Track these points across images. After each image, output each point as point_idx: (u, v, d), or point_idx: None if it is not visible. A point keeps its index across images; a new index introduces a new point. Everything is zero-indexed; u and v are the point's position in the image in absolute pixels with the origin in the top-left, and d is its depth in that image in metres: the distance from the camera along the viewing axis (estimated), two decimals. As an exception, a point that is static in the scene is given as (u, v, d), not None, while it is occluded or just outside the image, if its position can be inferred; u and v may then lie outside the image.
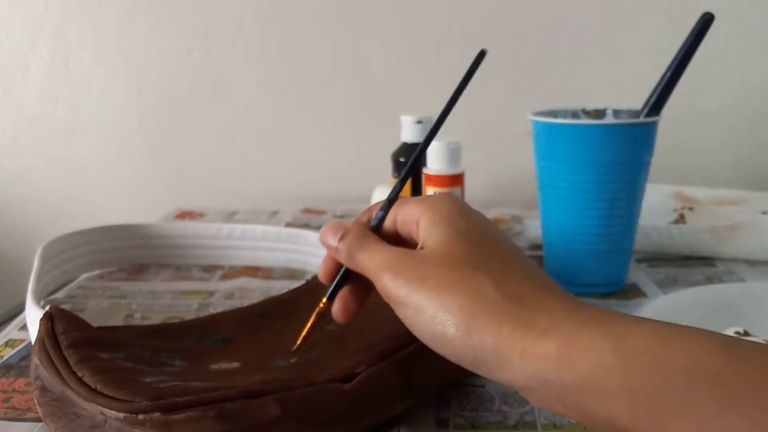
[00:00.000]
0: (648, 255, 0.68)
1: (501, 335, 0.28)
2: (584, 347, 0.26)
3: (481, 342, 0.28)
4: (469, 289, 0.29)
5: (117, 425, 0.31)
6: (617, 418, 0.25)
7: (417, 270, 0.30)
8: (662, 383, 0.24)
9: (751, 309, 0.50)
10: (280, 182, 1.03)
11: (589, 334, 0.26)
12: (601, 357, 0.25)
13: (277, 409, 0.32)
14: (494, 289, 0.29)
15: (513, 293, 0.29)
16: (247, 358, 0.39)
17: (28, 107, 1.03)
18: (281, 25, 0.97)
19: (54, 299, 0.60)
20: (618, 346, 0.25)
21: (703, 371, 0.24)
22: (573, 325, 0.27)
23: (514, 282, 0.29)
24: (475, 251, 0.31)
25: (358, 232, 0.35)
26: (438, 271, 0.30)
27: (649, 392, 0.24)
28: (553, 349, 0.26)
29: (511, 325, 0.28)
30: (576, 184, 0.55)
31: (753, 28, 0.94)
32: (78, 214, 1.06)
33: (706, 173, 0.98)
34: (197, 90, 1.01)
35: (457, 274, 0.29)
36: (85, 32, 0.99)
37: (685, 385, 0.24)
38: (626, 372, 0.25)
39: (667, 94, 0.55)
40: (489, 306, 0.28)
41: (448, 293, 0.29)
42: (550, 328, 0.27)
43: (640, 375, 0.25)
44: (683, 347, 0.25)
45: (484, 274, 0.29)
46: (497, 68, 0.96)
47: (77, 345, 0.35)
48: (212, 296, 0.60)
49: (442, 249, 0.31)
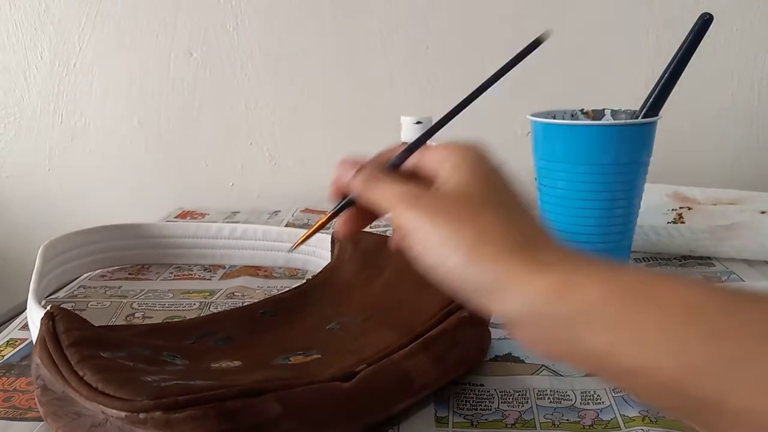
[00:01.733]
0: (646, 255, 0.68)
1: (502, 266, 0.29)
2: (580, 283, 0.27)
3: (483, 271, 0.29)
4: (478, 226, 0.30)
5: (118, 424, 0.31)
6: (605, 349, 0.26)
7: (433, 204, 0.32)
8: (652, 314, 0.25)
9: None
10: (280, 182, 1.03)
11: (586, 270, 0.28)
12: (597, 292, 0.27)
13: (277, 407, 0.32)
14: (502, 229, 0.30)
15: (520, 234, 0.30)
16: (247, 356, 0.39)
17: (29, 107, 1.03)
18: (281, 25, 0.98)
19: (55, 299, 0.60)
20: (612, 283, 0.27)
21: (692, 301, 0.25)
22: (572, 263, 0.28)
23: (522, 225, 0.31)
24: (491, 194, 0.32)
25: (375, 167, 0.36)
26: (453, 206, 0.31)
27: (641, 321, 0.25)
28: (551, 281, 0.28)
29: (512, 258, 0.29)
30: (574, 184, 0.55)
31: (752, 29, 0.94)
32: (79, 214, 1.06)
33: (704, 173, 0.98)
34: (198, 90, 1.01)
35: (471, 212, 0.31)
36: (85, 32, 1.00)
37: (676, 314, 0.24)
38: (620, 305, 0.26)
39: (665, 94, 0.55)
40: (494, 241, 0.30)
41: (459, 227, 0.30)
42: (550, 263, 0.29)
43: (633, 307, 0.25)
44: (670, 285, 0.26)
45: (496, 216, 0.31)
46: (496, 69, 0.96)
47: (78, 344, 0.35)
48: (213, 295, 0.60)
49: (462, 188, 0.32)
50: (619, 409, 0.40)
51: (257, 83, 1.00)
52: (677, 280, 0.26)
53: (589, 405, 0.41)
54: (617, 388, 0.42)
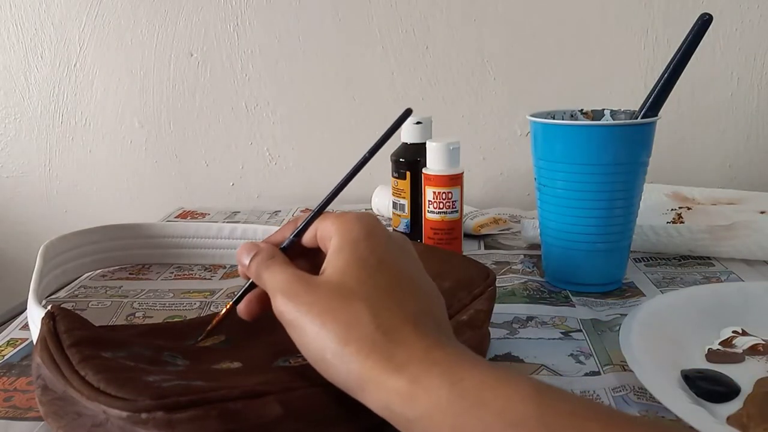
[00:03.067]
0: (646, 254, 0.68)
1: (365, 365, 0.30)
2: (427, 387, 0.28)
3: (349, 369, 0.30)
4: (347, 318, 0.31)
5: (119, 424, 0.31)
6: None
7: (307, 295, 0.32)
8: (480, 424, 0.26)
9: (749, 309, 0.51)
10: (280, 182, 1.03)
11: (435, 374, 0.29)
12: (439, 397, 0.28)
13: (279, 409, 0.32)
14: (370, 320, 0.31)
15: (386, 326, 0.31)
16: (248, 358, 0.39)
17: (29, 107, 1.03)
18: (281, 25, 0.98)
19: (56, 298, 0.60)
20: (453, 388, 0.28)
21: (514, 416, 0.26)
22: (424, 366, 0.29)
23: (390, 314, 0.31)
24: (366, 281, 0.33)
25: (268, 252, 0.37)
26: (325, 298, 0.32)
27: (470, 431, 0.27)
28: (402, 385, 0.29)
29: (375, 357, 0.30)
30: (574, 185, 0.55)
31: (752, 29, 0.94)
32: (80, 214, 1.06)
33: (703, 173, 0.98)
34: (198, 90, 1.01)
35: (341, 303, 0.32)
36: (86, 32, 1.00)
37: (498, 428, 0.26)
38: (455, 412, 0.27)
39: (665, 94, 0.55)
40: (361, 336, 0.31)
41: (329, 320, 0.31)
42: (404, 364, 0.29)
43: (465, 416, 0.27)
44: (503, 392, 0.27)
45: (365, 305, 0.31)
46: (496, 69, 0.96)
47: (79, 344, 0.35)
48: (213, 295, 0.60)
49: (336, 277, 0.33)
50: (618, 409, 0.40)
51: (257, 83, 1.00)
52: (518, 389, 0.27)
53: (588, 405, 0.41)
54: (617, 388, 0.42)
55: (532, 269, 0.65)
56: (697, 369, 0.43)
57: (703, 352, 0.46)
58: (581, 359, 0.46)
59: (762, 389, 0.41)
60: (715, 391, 0.40)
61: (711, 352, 0.46)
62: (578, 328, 0.51)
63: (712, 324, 0.49)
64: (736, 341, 0.47)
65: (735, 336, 0.47)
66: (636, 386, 0.42)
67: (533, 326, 0.52)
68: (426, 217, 0.65)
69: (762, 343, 0.46)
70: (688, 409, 0.37)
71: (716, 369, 0.43)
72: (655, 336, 0.45)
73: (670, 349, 0.45)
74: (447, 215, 0.64)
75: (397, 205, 0.72)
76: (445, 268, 0.46)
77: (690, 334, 0.47)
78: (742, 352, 0.46)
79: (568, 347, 0.48)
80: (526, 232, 0.71)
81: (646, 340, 0.44)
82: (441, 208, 0.63)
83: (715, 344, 0.47)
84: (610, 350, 0.47)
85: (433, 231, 0.64)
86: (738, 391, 0.41)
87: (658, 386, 0.39)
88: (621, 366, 0.44)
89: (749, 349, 0.46)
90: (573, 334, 0.50)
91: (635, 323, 0.46)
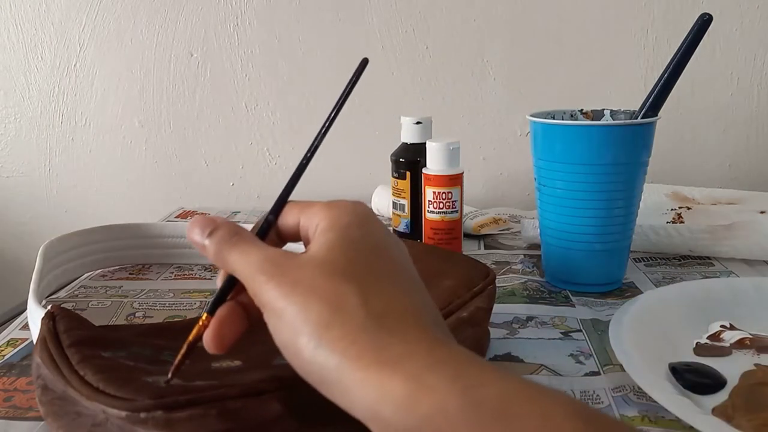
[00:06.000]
0: (646, 254, 0.68)
1: (348, 354, 0.25)
2: (431, 387, 0.23)
3: (327, 358, 0.25)
4: (334, 299, 0.26)
5: (119, 424, 0.31)
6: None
7: (291, 274, 0.28)
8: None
9: (737, 304, 0.52)
10: (280, 182, 1.03)
11: (441, 373, 0.24)
12: (445, 402, 0.23)
13: (278, 407, 0.32)
14: (359, 303, 0.26)
15: (378, 311, 0.26)
16: (248, 356, 0.39)
17: (29, 107, 1.03)
18: (281, 25, 0.98)
19: (56, 298, 0.60)
20: (466, 394, 0.23)
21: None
22: (427, 361, 0.24)
23: (384, 299, 0.27)
24: (356, 262, 0.28)
25: (230, 228, 0.31)
26: (311, 276, 0.27)
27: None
28: (397, 383, 0.24)
29: (362, 345, 0.25)
30: (574, 185, 0.55)
31: (752, 29, 0.94)
32: (80, 214, 1.06)
33: (704, 173, 0.98)
34: (198, 90, 1.01)
35: (329, 282, 0.27)
36: (86, 32, 1.00)
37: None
38: (469, 424, 0.22)
39: (665, 94, 0.55)
40: (348, 319, 0.26)
41: (312, 300, 0.26)
42: (402, 358, 0.24)
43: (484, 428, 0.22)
44: (539, 407, 0.22)
45: (355, 286, 0.27)
46: (496, 69, 0.96)
47: (79, 344, 0.35)
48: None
49: (323, 255, 0.28)
50: (618, 409, 0.40)
51: (257, 83, 1.00)
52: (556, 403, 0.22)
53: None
54: (617, 388, 0.42)
55: (531, 269, 0.65)
56: (684, 362, 0.44)
57: (692, 346, 0.47)
58: (581, 359, 0.46)
59: (748, 381, 0.42)
60: (702, 383, 0.41)
61: (699, 346, 0.47)
62: (578, 328, 0.51)
63: (701, 319, 0.50)
64: (724, 335, 0.48)
65: (723, 330, 0.48)
66: (636, 386, 0.42)
67: (533, 326, 0.52)
68: (426, 217, 0.65)
69: (749, 337, 0.47)
70: (674, 400, 0.37)
71: (704, 362, 0.44)
72: (644, 330, 0.46)
73: (660, 343, 0.46)
74: (447, 215, 0.64)
75: (397, 205, 0.72)
76: (445, 266, 0.46)
77: (679, 328, 0.48)
78: (729, 345, 0.47)
79: (568, 347, 0.48)
80: (525, 232, 0.71)
81: (636, 334, 0.45)
82: (441, 208, 0.64)
83: (703, 338, 0.48)
84: (610, 350, 0.47)
85: (433, 231, 0.64)
86: (724, 383, 0.41)
87: (644, 378, 0.39)
88: (621, 366, 0.44)
89: (736, 342, 0.47)
90: (573, 334, 0.50)
91: (626, 318, 0.47)
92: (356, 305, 0.26)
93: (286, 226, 0.33)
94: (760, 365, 0.44)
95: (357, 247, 0.29)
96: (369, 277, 0.28)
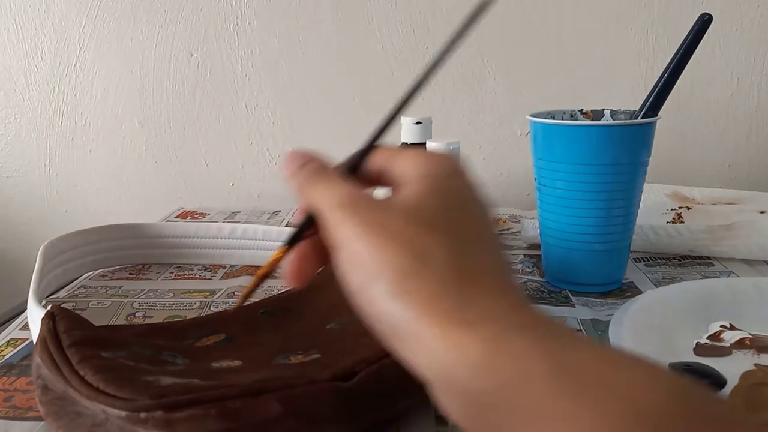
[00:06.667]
0: (646, 254, 0.68)
1: (427, 308, 0.23)
2: (512, 351, 0.22)
3: (404, 310, 0.24)
4: (417, 248, 0.25)
5: (119, 423, 0.31)
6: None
7: (375, 214, 0.26)
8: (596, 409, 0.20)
9: (737, 304, 0.52)
10: (280, 182, 1.03)
11: (524, 337, 0.22)
12: (529, 366, 0.21)
13: (278, 407, 0.32)
14: (444, 257, 0.25)
15: (462, 268, 0.25)
16: (248, 356, 0.39)
17: (29, 107, 1.03)
18: (281, 25, 0.98)
19: (56, 298, 0.60)
20: (550, 358, 0.21)
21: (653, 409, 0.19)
22: (510, 322, 0.23)
23: (469, 258, 0.26)
24: (445, 215, 0.27)
25: (321, 162, 0.30)
26: (396, 220, 0.26)
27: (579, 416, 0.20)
28: (478, 344, 0.22)
29: (443, 301, 0.24)
30: (574, 185, 0.55)
31: (752, 29, 0.94)
32: (80, 214, 1.06)
33: (704, 173, 0.98)
34: (198, 90, 1.01)
35: (414, 229, 0.26)
36: (86, 32, 1.00)
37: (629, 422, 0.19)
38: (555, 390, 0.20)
39: (665, 94, 0.55)
40: (430, 272, 0.24)
41: (393, 246, 0.25)
42: (484, 317, 0.23)
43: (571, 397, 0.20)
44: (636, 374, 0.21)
45: (443, 240, 0.26)
46: (496, 69, 0.96)
47: (79, 344, 0.35)
48: (213, 295, 0.60)
49: (412, 203, 0.27)
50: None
51: (257, 83, 1.00)
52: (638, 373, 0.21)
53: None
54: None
55: (531, 269, 0.65)
56: (684, 362, 0.44)
57: (692, 346, 0.47)
58: (581, 359, 0.46)
59: (747, 382, 0.42)
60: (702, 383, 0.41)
61: (699, 346, 0.47)
62: (578, 328, 0.51)
63: (701, 319, 0.50)
64: (724, 335, 0.48)
65: (723, 330, 0.48)
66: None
67: (533, 326, 0.52)
68: (426, 217, 0.65)
69: (749, 338, 0.47)
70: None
71: (704, 362, 0.44)
72: (644, 330, 0.46)
73: (660, 343, 0.46)
74: (447, 215, 0.64)
75: (397, 205, 0.72)
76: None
77: (679, 328, 0.48)
78: (729, 345, 0.47)
79: (567, 347, 0.48)
80: (525, 232, 0.71)
81: (636, 334, 0.45)
82: (441, 208, 0.63)
83: (703, 338, 0.48)
84: (609, 350, 0.47)
85: (433, 231, 0.64)
86: (724, 383, 0.41)
87: None
88: (621, 366, 0.45)
89: (736, 343, 0.47)
90: (573, 334, 0.50)
91: (626, 318, 0.47)
92: (440, 259, 0.25)
93: (372, 170, 0.31)
94: (760, 365, 0.44)
95: (447, 201, 0.27)
96: (456, 232, 0.26)
